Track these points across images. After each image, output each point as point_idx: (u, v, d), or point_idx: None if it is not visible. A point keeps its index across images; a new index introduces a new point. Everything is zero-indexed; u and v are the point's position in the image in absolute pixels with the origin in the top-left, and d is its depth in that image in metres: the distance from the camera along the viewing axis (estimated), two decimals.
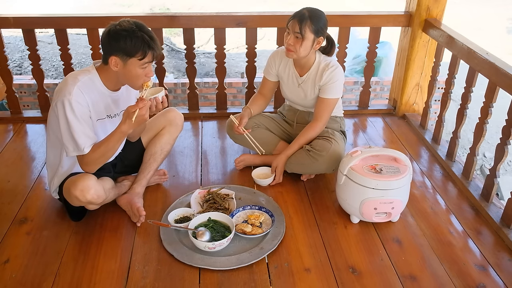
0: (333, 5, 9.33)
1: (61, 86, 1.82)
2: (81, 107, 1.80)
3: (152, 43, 1.77)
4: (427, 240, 1.99)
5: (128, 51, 1.75)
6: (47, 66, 6.50)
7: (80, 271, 1.79)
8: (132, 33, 1.73)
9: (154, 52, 1.79)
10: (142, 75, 1.83)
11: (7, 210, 2.13)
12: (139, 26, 1.77)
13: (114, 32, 1.75)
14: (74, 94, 1.77)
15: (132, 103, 2.05)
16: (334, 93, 2.27)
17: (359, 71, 5.61)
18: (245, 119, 2.38)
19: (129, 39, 1.73)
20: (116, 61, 1.78)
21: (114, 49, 1.76)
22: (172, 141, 2.31)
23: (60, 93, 1.79)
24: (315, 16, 2.12)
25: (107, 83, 1.89)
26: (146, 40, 1.75)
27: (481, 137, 2.29)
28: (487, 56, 2.21)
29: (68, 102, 1.76)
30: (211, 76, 6.62)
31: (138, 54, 1.76)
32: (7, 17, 2.74)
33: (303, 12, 2.13)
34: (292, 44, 2.16)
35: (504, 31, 9.44)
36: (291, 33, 2.15)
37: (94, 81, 1.86)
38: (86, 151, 1.83)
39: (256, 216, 2.03)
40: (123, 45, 1.74)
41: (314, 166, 2.26)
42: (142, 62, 1.78)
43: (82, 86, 1.81)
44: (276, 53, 2.41)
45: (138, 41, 1.74)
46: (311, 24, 2.11)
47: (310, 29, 2.11)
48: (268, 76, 2.46)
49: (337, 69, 2.25)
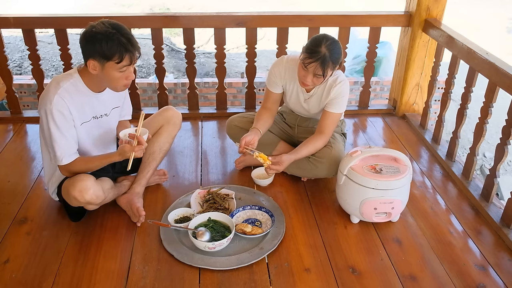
0: (333, 5, 9.34)
1: (44, 93, 1.82)
2: (61, 117, 1.79)
3: (129, 46, 1.72)
4: (427, 240, 1.99)
5: (105, 54, 1.71)
6: (47, 66, 6.50)
7: (80, 271, 1.79)
8: (107, 36, 1.69)
9: (131, 54, 1.74)
10: (122, 78, 1.80)
11: (7, 210, 2.13)
12: (116, 27, 1.72)
13: (90, 34, 1.71)
14: (54, 103, 1.76)
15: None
16: (340, 108, 2.22)
17: (359, 71, 5.61)
18: (255, 141, 2.18)
19: (104, 42, 1.69)
20: (94, 64, 1.75)
21: (91, 53, 1.73)
22: (170, 139, 2.30)
23: (42, 101, 1.80)
24: (335, 53, 2.01)
25: (91, 85, 1.87)
26: (123, 43, 1.70)
27: (481, 137, 2.29)
28: (487, 56, 2.21)
29: (50, 111, 1.76)
30: (211, 76, 6.62)
31: (115, 57, 1.72)
32: (7, 17, 2.74)
33: (323, 53, 1.98)
34: (311, 83, 2.08)
35: (504, 31, 9.44)
36: (311, 74, 2.04)
37: (76, 85, 1.84)
38: (64, 162, 1.85)
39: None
40: (99, 49, 1.70)
41: (314, 172, 2.26)
42: (120, 65, 1.75)
43: (63, 93, 1.79)
44: (280, 63, 2.28)
45: (114, 44, 1.69)
46: (332, 64, 2.01)
47: (331, 68, 2.03)
48: (272, 88, 2.32)
49: (345, 84, 2.19)
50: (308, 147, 2.20)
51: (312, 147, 2.21)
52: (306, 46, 2.05)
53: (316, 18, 2.86)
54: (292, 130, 2.50)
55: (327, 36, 2.05)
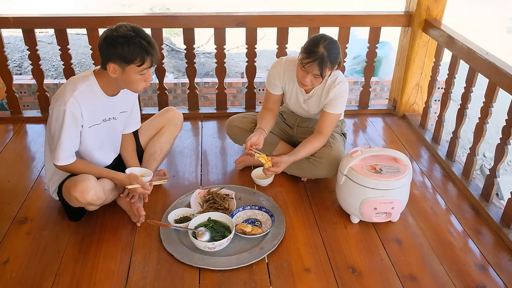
0: (333, 5, 9.34)
1: (59, 92, 1.83)
2: (72, 119, 1.80)
3: (150, 49, 1.74)
4: (427, 240, 1.99)
5: (126, 58, 1.72)
6: (47, 66, 6.50)
7: (80, 271, 1.79)
8: (129, 39, 1.70)
9: (152, 57, 1.77)
10: (141, 80, 1.82)
11: (7, 210, 2.13)
12: (137, 31, 1.74)
13: (111, 38, 1.72)
14: (69, 105, 1.77)
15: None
16: (339, 108, 2.22)
17: (359, 71, 5.62)
18: (261, 140, 2.18)
19: (126, 45, 1.70)
20: (114, 68, 1.76)
21: (112, 56, 1.74)
22: (171, 140, 2.30)
23: (57, 99, 1.80)
24: (333, 53, 2.01)
25: (106, 88, 1.88)
26: (144, 46, 1.72)
27: (481, 137, 2.29)
28: (487, 56, 2.21)
29: (63, 112, 1.77)
30: (211, 76, 6.62)
31: (137, 60, 1.73)
32: (7, 17, 2.74)
33: (321, 53, 1.98)
34: (309, 83, 2.09)
35: (504, 31, 9.44)
36: (309, 74, 2.04)
37: (92, 88, 1.85)
38: (61, 163, 1.86)
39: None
40: (121, 52, 1.71)
41: (314, 172, 2.26)
42: (141, 68, 1.76)
43: (79, 95, 1.80)
44: (279, 64, 2.28)
45: (136, 47, 1.71)
46: (330, 64, 2.02)
47: (329, 68, 2.03)
48: (272, 89, 2.33)
49: (344, 85, 2.18)
50: (306, 147, 2.20)
51: (310, 148, 2.21)
52: (304, 46, 2.05)
53: (316, 18, 2.86)
54: (292, 130, 2.50)
55: (325, 36, 2.05)
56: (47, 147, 1.98)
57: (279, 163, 2.13)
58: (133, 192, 1.97)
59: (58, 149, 1.83)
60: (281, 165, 2.14)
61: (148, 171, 2.11)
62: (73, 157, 1.89)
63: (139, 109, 2.25)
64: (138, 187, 1.94)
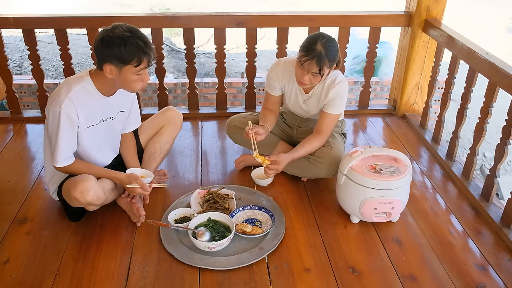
0: (333, 5, 9.34)
1: (55, 93, 1.82)
2: (68, 120, 1.79)
3: (147, 49, 1.74)
4: (427, 240, 1.99)
5: (123, 58, 1.72)
6: (47, 66, 6.50)
7: (80, 271, 1.79)
8: (126, 40, 1.70)
9: (149, 57, 1.76)
10: (138, 81, 1.82)
11: (7, 210, 2.13)
12: (133, 31, 1.73)
13: (107, 39, 1.71)
14: (64, 107, 1.76)
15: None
16: (339, 109, 2.22)
17: (359, 71, 5.62)
18: (263, 134, 2.20)
19: (123, 46, 1.69)
20: (111, 68, 1.76)
21: (108, 57, 1.73)
22: (171, 140, 2.30)
23: (52, 102, 1.80)
24: (331, 51, 2.01)
25: (102, 89, 1.88)
26: (141, 46, 1.72)
27: (481, 137, 2.29)
28: (487, 56, 2.21)
29: (58, 113, 1.77)
30: (211, 76, 6.62)
31: (133, 61, 1.73)
32: (7, 17, 2.74)
33: (319, 50, 1.98)
34: (308, 81, 2.08)
35: (504, 31, 9.44)
36: (308, 72, 2.04)
37: (88, 89, 1.85)
38: (59, 165, 1.86)
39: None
40: (117, 53, 1.71)
41: (314, 172, 2.26)
42: (137, 68, 1.76)
43: (74, 96, 1.79)
44: (278, 66, 2.28)
45: (132, 48, 1.70)
46: (328, 62, 2.01)
47: (327, 65, 2.03)
48: (271, 91, 2.33)
49: (343, 85, 2.18)
50: (305, 147, 2.21)
51: (309, 147, 2.21)
52: (302, 44, 2.06)
53: (316, 18, 2.86)
54: (292, 130, 2.50)
55: (323, 34, 2.05)
56: (46, 148, 1.98)
57: (278, 161, 2.13)
58: (132, 192, 1.97)
59: (56, 151, 1.83)
60: (280, 162, 2.14)
61: (149, 172, 2.11)
62: (71, 158, 1.89)
63: (139, 108, 2.24)
64: (137, 187, 1.94)
